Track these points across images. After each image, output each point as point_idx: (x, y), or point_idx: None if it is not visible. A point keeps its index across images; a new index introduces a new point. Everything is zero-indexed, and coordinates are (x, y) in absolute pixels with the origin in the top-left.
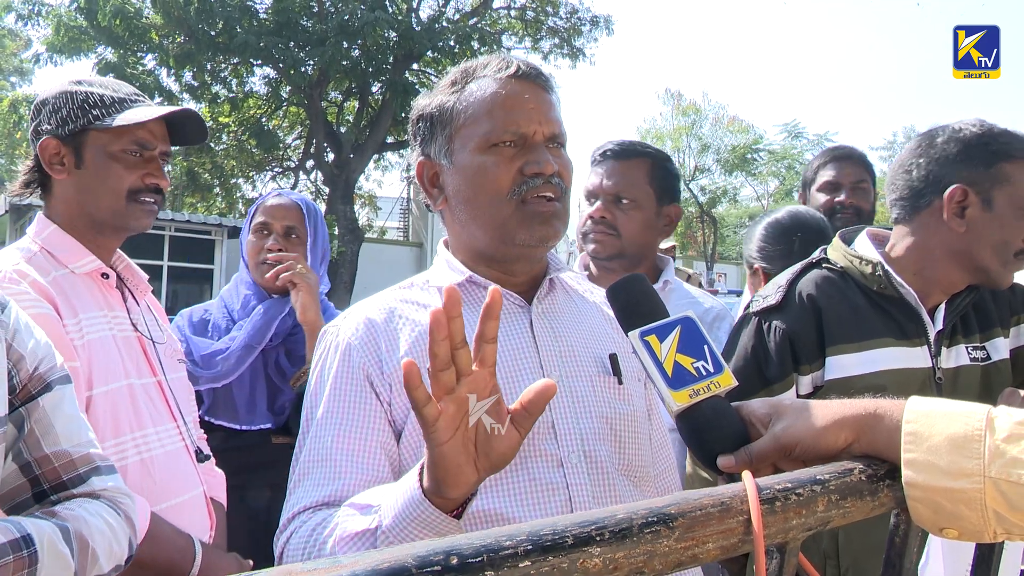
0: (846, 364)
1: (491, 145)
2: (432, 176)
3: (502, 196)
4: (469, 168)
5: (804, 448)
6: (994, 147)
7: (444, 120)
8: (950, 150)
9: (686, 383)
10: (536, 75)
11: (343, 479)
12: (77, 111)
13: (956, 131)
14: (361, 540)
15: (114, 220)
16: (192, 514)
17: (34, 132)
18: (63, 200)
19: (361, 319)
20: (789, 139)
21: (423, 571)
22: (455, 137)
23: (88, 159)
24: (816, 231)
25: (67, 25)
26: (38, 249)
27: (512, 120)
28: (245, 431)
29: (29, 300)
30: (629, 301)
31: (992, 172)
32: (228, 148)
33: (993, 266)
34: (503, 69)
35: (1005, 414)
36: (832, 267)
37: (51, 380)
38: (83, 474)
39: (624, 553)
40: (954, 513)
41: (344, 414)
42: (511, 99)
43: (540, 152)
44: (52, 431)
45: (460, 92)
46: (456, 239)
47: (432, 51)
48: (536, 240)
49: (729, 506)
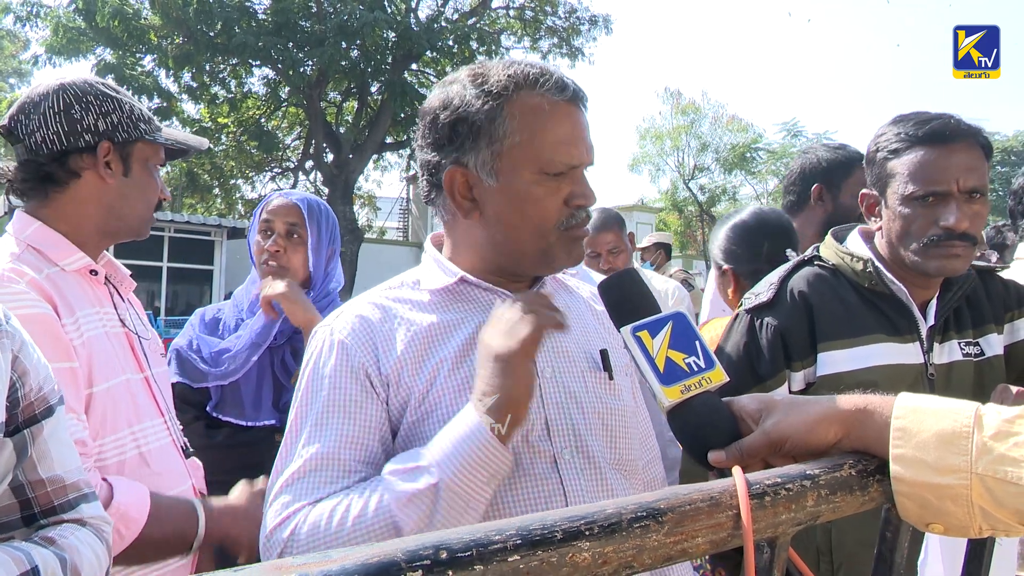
0: (838, 360)
1: (547, 174)
2: (465, 185)
3: (549, 226)
4: (520, 194)
5: (794, 443)
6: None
7: (492, 135)
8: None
9: (678, 379)
10: (584, 98)
11: (350, 477)
12: (128, 120)
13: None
14: (417, 502)
15: (137, 228)
16: None
17: (69, 122)
18: (90, 201)
19: (356, 317)
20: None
21: (412, 565)
22: (503, 155)
23: (135, 169)
24: (782, 232)
25: (66, 26)
26: (25, 247)
27: (569, 153)
28: (251, 427)
29: (29, 300)
30: (622, 297)
31: (885, 170)
32: (227, 149)
33: (907, 259)
34: (558, 91)
35: (993, 411)
36: (824, 264)
37: (53, 403)
38: (73, 500)
39: (613, 547)
40: (940, 509)
41: (346, 411)
42: (569, 128)
43: (585, 184)
44: (49, 456)
45: (506, 103)
46: (470, 248)
47: (431, 51)
48: (573, 262)
49: (718, 501)
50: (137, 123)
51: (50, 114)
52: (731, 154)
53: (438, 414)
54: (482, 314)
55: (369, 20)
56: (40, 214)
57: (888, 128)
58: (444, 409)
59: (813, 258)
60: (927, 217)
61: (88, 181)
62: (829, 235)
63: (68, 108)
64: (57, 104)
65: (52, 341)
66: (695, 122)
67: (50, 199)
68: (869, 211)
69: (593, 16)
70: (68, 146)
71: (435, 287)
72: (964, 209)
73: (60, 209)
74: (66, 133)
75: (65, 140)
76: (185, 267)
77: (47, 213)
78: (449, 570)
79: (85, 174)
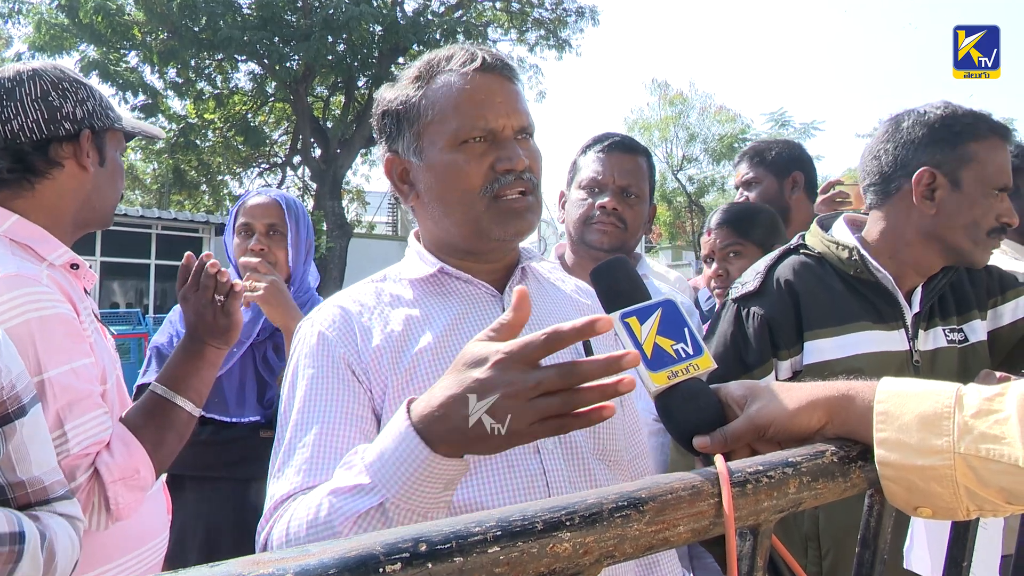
0: (824, 348)
1: (461, 142)
2: (401, 172)
3: (474, 193)
4: (440, 166)
5: (777, 429)
6: (958, 128)
7: (411, 116)
8: (916, 133)
9: (665, 365)
10: (501, 66)
11: (329, 468)
12: (100, 108)
13: (921, 114)
14: (365, 522)
15: (106, 218)
16: (158, 499)
17: (49, 109)
18: (68, 192)
19: (336, 310)
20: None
21: (391, 558)
22: (423, 134)
23: (109, 158)
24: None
25: (49, 23)
26: (6, 242)
27: (480, 115)
28: (235, 424)
29: (53, 300)
30: (612, 282)
31: (958, 152)
32: (214, 145)
33: (966, 246)
34: (468, 62)
35: (974, 391)
36: (809, 253)
37: (26, 402)
38: (51, 499)
39: (594, 537)
40: (926, 491)
41: (327, 401)
42: (478, 94)
43: (511, 147)
44: (28, 458)
45: (425, 87)
46: (428, 233)
47: (418, 44)
48: (511, 235)
49: (700, 489)
50: (107, 111)
51: (27, 101)
52: (719, 144)
53: None
54: (461, 305)
55: (355, 14)
56: (15, 206)
57: (958, 109)
58: None
59: (799, 246)
60: (995, 209)
61: (69, 171)
62: (814, 223)
63: (46, 95)
64: (34, 90)
65: (76, 340)
66: (683, 113)
67: (27, 190)
68: (923, 193)
69: (580, 7)
70: (49, 134)
71: (415, 277)
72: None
73: (39, 200)
74: (46, 121)
75: (46, 128)
76: (173, 264)
77: (23, 205)
78: (429, 563)
79: (67, 163)
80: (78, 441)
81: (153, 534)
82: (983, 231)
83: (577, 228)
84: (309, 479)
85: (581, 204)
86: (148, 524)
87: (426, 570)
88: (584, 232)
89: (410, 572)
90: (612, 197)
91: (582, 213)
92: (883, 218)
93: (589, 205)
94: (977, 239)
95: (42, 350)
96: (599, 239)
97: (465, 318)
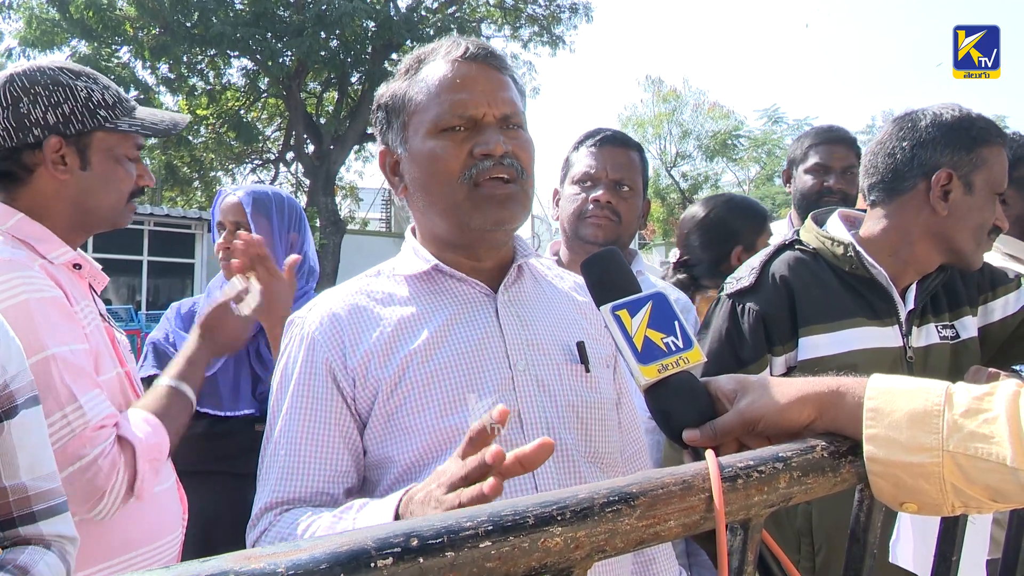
0: (819, 344)
1: (441, 130)
2: (392, 164)
3: (453, 180)
4: (421, 154)
5: (767, 423)
6: (974, 132)
7: (398, 108)
8: (934, 134)
9: (655, 358)
10: (486, 55)
11: (308, 476)
12: (83, 110)
13: (937, 115)
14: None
15: (111, 220)
16: (170, 499)
17: (16, 116)
18: (52, 196)
19: (326, 313)
20: (769, 124)
21: (383, 553)
22: (408, 124)
23: (95, 161)
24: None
25: (39, 18)
26: (9, 238)
27: (459, 103)
28: (230, 418)
29: (45, 284)
30: (603, 274)
31: (972, 156)
32: (207, 141)
33: (969, 248)
34: (452, 51)
35: (963, 390)
36: (804, 248)
37: (20, 403)
38: (36, 512)
39: (585, 532)
40: (914, 487)
41: (308, 409)
42: (459, 81)
43: (490, 133)
44: (15, 462)
45: (412, 78)
46: (420, 226)
47: (411, 41)
48: (491, 224)
49: (691, 484)
50: (95, 111)
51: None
52: (713, 141)
53: (408, 407)
54: (453, 306)
55: (348, 10)
56: (18, 206)
57: (971, 113)
58: (414, 402)
59: (794, 242)
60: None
61: (43, 177)
62: (809, 218)
63: (16, 102)
64: (5, 99)
65: (69, 323)
66: (676, 109)
67: (18, 193)
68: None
69: (574, 4)
70: (17, 143)
71: (409, 273)
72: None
73: (28, 204)
74: (14, 129)
75: (13, 136)
76: (166, 260)
77: (21, 207)
78: (420, 557)
79: (39, 170)
80: (95, 413)
81: (170, 528)
82: (985, 233)
83: (571, 223)
84: (289, 486)
85: (575, 199)
86: (165, 518)
87: (417, 565)
88: (578, 227)
89: (401, 567)
90: (605, 190)
91: (576, 208)
92: (886, 216)
93: (583, 199)
94: (980, 241)
95: (43, 328)
96: (593, 233)
97: (457, 319)
